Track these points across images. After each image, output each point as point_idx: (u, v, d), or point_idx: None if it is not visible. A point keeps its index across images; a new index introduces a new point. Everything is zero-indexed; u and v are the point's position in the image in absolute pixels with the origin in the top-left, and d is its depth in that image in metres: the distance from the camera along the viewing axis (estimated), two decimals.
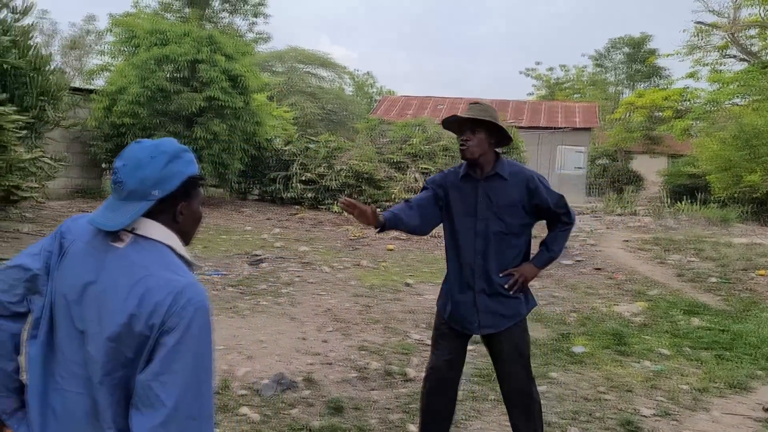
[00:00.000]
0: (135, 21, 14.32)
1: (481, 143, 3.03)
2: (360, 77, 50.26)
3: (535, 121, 28.40)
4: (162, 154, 1.50)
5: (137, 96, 12.74)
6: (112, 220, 1.46)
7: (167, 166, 1.50)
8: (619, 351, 5.53)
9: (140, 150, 1.51)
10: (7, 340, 1.58)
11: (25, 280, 1.56)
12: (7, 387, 1.60)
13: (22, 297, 1.57)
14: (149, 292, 1.41)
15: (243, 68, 13.76)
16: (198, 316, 1.42)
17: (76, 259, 1.52)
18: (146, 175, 1.47)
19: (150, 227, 1.51)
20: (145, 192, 1.48)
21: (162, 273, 1.45)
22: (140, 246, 1.49)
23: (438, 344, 3.25)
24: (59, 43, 43.62)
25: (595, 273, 9.41)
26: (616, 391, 4.60)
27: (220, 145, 13.68)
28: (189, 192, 1.57)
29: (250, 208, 14.87)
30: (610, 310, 7.05)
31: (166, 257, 1.50)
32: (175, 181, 1.51)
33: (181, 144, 1.58)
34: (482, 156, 3.06)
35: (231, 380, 4.36)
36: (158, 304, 1.40)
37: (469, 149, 3.02)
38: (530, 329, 6.06)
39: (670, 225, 16.33)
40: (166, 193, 1.50)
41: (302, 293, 7.05)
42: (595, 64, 47.24)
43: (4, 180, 8.27)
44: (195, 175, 1.58)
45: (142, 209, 1.47)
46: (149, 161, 1.48)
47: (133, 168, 1.48)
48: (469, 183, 3.12)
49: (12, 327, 1.58)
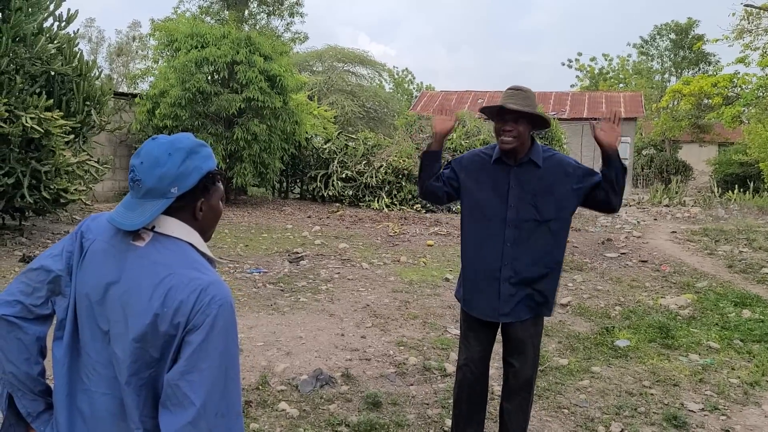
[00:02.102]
0: (175, 25, 14.59)
1: (523, 134, 2.95)
2: (399, 74, 50.23)
3: (578, 112, 27.87)
4: (179, 151, 1.48)
5: (178, 98, 12.99)
6: (132, 220, 1.45)
7: (185, 163, 1.48)
8: (665, 344, 5.37)
9: (157, 147, 1.48)
10: (31, 343, 1.56)
11: (48, 282, 1.55)
12: (32, 390, 1.59)
13: (45, 299, 1.56)
14: (173, 290, 1.40)
15: (280, 68, 13.87)
16: (222, 312, 1.41)
17: (96, 259, 1.50)
18: (164, 173, 1.45)
19: (170, 225, 1.49)
20: (164, 190, 1.46)
21: (185, 271, 1.43)
22: (161, 244, 1.47)
23: (468, 337, 3.20)
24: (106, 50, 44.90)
25: (641, 265, 9.18)
26: (661, 386, 4.46)
27: (260, 145, 13.82)
28: (208, 188, 1.55)
29: (290, 207, 15.01)
30: (656, 303, 6.86)
31: (188, 255, 1.48)
32: (193, 178, 1.49)
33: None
34: (522, 145, 2.99)
35: (270, 376, 4.39)
36: (183, 303, 1.39)
37: (511, 140, 2.94)
38: (572, 323, 6.01)
39: (720, 215, 15.82)
40: (185, 190, 1.48)
41: (341, 290, 7.06)
42: (639, 52, 46.11)
43: (52, 183, 8.54)
44: (213, 170, 1.55)
45: (161, 207, 1.46)
46: (167, 158, 1.46)
47: (151, 166, 1.45)
48: (502, 168, 3.03)
49: (37, 330, 1.57)
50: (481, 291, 3.08)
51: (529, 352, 3.08)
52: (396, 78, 46.42)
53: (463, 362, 3.21)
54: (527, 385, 3.12)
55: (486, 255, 3.05)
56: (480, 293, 3.08)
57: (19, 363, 1.55)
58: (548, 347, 5.26)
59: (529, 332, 3.06)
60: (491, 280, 3.04)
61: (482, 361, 3.17)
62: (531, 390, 3.17)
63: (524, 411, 3.16)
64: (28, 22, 8.42)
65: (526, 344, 3.07)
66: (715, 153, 30.01)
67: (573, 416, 3.97)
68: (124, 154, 14.68)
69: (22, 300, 1.55)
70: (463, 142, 16.25)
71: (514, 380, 3.12)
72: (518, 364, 3.09)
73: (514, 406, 3.13)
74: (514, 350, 3.10)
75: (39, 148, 8.43)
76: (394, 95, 36.90)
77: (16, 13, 8.28)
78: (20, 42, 8.37)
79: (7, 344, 1.54)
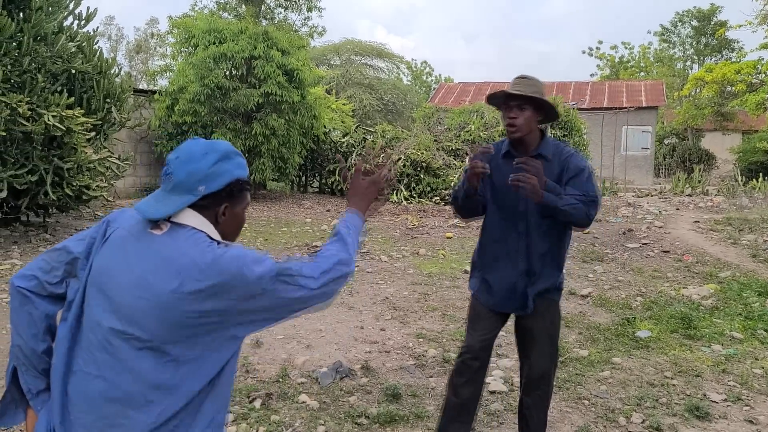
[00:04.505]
0: (193, 22, 14.68)
1: (528, 121, 2.90)
2: (417, 66, 50.05)
3: (598, 102, 27.58)
4: (214, 152, 1.55)
5: (197, 94, 13.08)
6: (156, 209, 1.52)
7: (217, 164, 1.54)
8: (687, 335, 5.31)
9: (195, 145, 1.57)
10: (40, 319, 1.61)
11: (66, 263, 1.62)
12: (35, 367, 1.63)
13: (61, 279, 1.62)
14: (185, 268, 1.46)
15: (298, 62, 13.90)
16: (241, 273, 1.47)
17: (115, 245, 1.56)
18: (195, 169, 1.52)
19: (187, 216, 1.54)
20: (192, 186, 1.52)
21: (195, 252, 1.49)
22: (177, 233, 1.53)
23: (474, 324, 3.16)
24: (125, 47, 45.35)
25: (663, 255, 9.07)
26: (683, 376, 4.42)
27: (279, 139, 13.88)
28: (233, 194, 1.59)
29: (310, 201, 15.07)
30: (678, 294, 6.79)
31: (200, 241, 1.52)
32: (222, 180, 1.55)
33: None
34: (529, 134, 2.95)
35: (290, 369, 4.43)
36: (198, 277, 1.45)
37: (516, 127, 2.91)
38: (593, 314, 5.96)
39: (744, 204, 15.57)
40: (211, 190, 1.54)
41: (360, 282, 7.08)
42: (661, 39, 45.41)
43: (75, 180, 8.66)
44: (242, 178, 1.61)
45: (186, 202, 1.52)
46: (201, 157, 1.53)
47: (185, 161, 1.53)
48: (511, 162, 2.97)
49: (47, 307, 1.62)
50: (496, 283, 3.06)
51: (544, 345, 3.04)
52: (414, 70, 46.30)
53: (463, 350, 3.16)
54: (544, 378, 3.07)
55: (501, 247, 3.03)
56: (493, 285, 3.07)
57: (26, 337, 1.61)
58: (568, 338, 5.24)
59: (544, 324, 3.03)
60: (507, 273, 3.02)
61: (483, 350, 3.10)
62: (549, 383, 3.12)
63: (543, 404, 3.12)
64: (49, 21, 8.53)
65: (541, 336, 3.04)
66: (739, 141, 29.50)
67: (593, 407, 3.95)
68: (145, 151, 14.84)
69: (39, 276, 1.62)
70: (481, 134, 16.17)
71: (530, 373, 3.08)
72: (533, 357, 3.05)
73: (532, 400, 3.09)
74: (528, 343, 3.08)
75: (61, 145, 8.55)
76: (412, 88, 36.81)
77: (37, 12, 8.39)
78: (41, 41, 8.48)
79: (18, 317, 1.60)
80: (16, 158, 8.20)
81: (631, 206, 15.77)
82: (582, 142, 19.23)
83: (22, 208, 8.89)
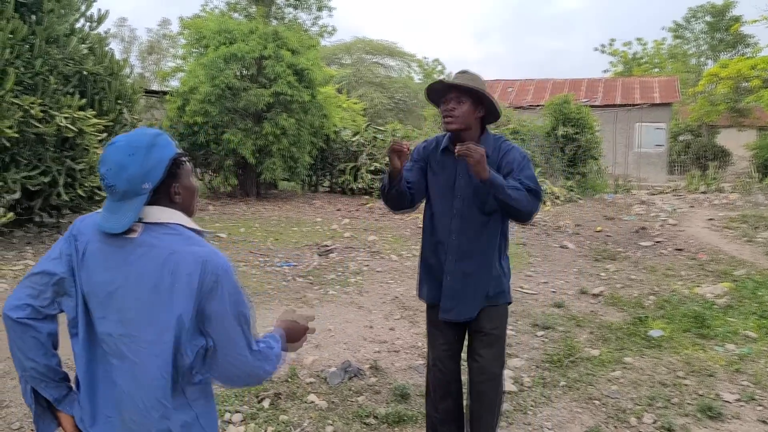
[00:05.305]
0: (203, 23, 14.73)
1: (466, 114, 2.80)
2: (428, 64, 49.93)
3: (611, 99, 27.36)
4: (138, 149, 1.56)
5: (207, 95, 13.11)
6: (118, 222, 1.56)
7: (147, 158, 1.56)
8: (701, 334, 5.25)
9: (117, 151, 1.57)
10: (46, 339, 1.67)
11: (52, 284, 1.65)
12: (53, 379, 1.71)
13: (51, 300, 1.66)
14: (179, 266, 1.54)
15: (308, 62, 13.90)
16: (227, 275, 1.59)
17: (97, 258, 1.61)
18: (132, 174, 1.55)
19: (155, 212, 1.61)
20: (137, 188, 1.56)
21: (184, 248, 1.57)
22: (154, 231, 1.59)
23: (432, 335, 3.07)
24: (138, 48, 45.63)
25: (676, 254, 8.99)
26: (696, 376, 4.37)
27: (289, 139, 13.89)
28: (175, 172, 1.64)
29: (320, 200, 15.08)
30: (692, 292, 6.71)
31: (181, 233, 1.61)
32: (159, 168, 1.58)
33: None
34: (466, 130, 2.84)
35: (299, 368, 4.42)
36: (191, 275, 1.54)
37: (452, 119, 2.81)
38: (604, 313, 5.91)
39: (760, 201, 15.39)
40: (155, 182, 1.58)
41: (370, 282, 7.07)
42: (674, 36, 44.96)
43: (87, 181, 8.72)
44: (175, 155, 1.64)
45: (140, 204, 1.57)
46: (129, 160, 1.55)
47: (118, 170, 1.55)
48: (450, 157, 2.89)
49: (48, 327, 1.68)
50: (434, 286, 2.96)
51: (494, 345, 2.91)
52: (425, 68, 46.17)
53: (431, 362, 3.08)
54: (493, 382, 2.93)
55: (435, 246, 2.94)
56: (431, 287, 2.97)
57: (38, 358, 1.67)
58: (579, 338, 5.20)
59: (491, 323, 2.90)
60: (439, 273, 2.92)
61: (451, 359, 3.02)
62: (498, 388, 2.97)
63: (492, 412, 2.97)
64: (60, 24, 8.59)
65: (488, 335, 2.90)
66: (755, 137, 29.09)
67: (604, 407, 3.92)
68: None
69: (31, 303, 1.65)
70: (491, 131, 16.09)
71: (479, 377, 2.92)
72: (483, 360, 2.91)
73: (481, 407, 2.95)
74: (479, 344, 2.94)
75: (73, 146, 8.61)
76: (423, 86, 36.74)
77: (49, 15, 8.45)
78: (53, 43, 8.54)
79: (25, 343, 1.65)
80: (29, 160, 8.26)
81: (644, 204, 15.65)
82: (594, 139, 19.10)
83: (36, 209, 8.96)
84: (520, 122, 18.62)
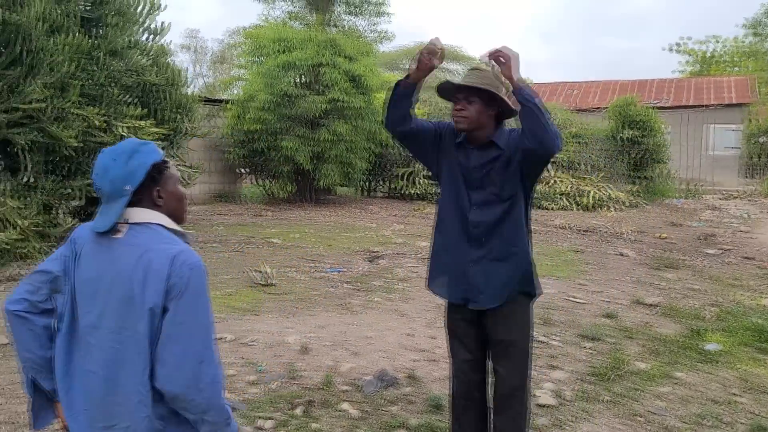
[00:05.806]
0: (263, 32, 15.05)
1: (477, 114, 2.71)
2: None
3: (680, 99, 26.31)
4: (121, 154, 1.72)
5: (265, 103, 13.38)
6: (103, 222, 1.73)
7: (128, 163, 1.71)
8: (761, 349, 4.94)
9: (103, 157, 1.74)
10: (41, 332, 1.81)
11: (49, 282, 1.81)
12: (50, 370, 1.82)
13: (47, 296, 1.81)
14: (151, 262, 1.67)
15: (364, 68, 13.98)
16: (195, 274, 1.67)
17: (89, 258, 1.78)
18: (114, 176, 1.71)
19: (139, 213, 1.75)
20: (119, 190, 1.71)
21: (158, 246, 1.70)
22: (136, 231, 1.74)
23: (452, 344, 2.99)
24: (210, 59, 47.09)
25: (745, 262, 8.52)
26: (752, 393, 4.10)
27: (345, 145, 13.99)
28: (156, 178, 1.76)
29: (375, 206, 15.12)
30: (757, 304, 6.33)
31: (159, 233, 1.74)
32: (140, 172, 1.71)
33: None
34: (478, 130, 2.75)
35: (334, 376, 4.40)
36: (159, 271, 1.65)
37: (462, 120, 2.73)
38: (659, 325, 5.64)
39: None
40: (136, 184, 1.71)
41: (415, 289, 7.00)
42: (754, 33, 42.80)
43: None
44: (157, 162, 1.76)
45: (122, 205, 1.71)
46: (113, 163, 1.71)
47: (102, 173, 1.72)
48: (463, 152, 2.82)
49: (44, 321, 1.82)
50: (455, 281, 2.87)
51: (514, 355, 2.81)
52: None
53: (454, 372, 3.01)
54: (515, 394, 2.82)
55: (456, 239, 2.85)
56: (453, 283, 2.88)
57: (35, 349, 1.81)
58: (628, 350, 4.97)
59: (508, 330, 2.80)
60: (461, 266, 2.83)
61: (474, 369, 2.94)
62: (522, 401, 2.86)
63: (517, 426, 2.86)
64: (122, 37, 8.94)
65: (508, 345, 2.81)
66: None
67: (648, 425, 3.72)
68: (217, 158, 15.32)
69: (28, 298, 1.81)
70: None
71: (501, 390, 2.84)
72: (503, 371, 2.83)
73: (505, 421, 2.86)
74: (497, 354, 2.85)
75: None
76: None
77: (112, 29, 8.82)
78: (115, 55, 8.90)
79: (22, 335, 1.81)
80: (92, 168, 8.64)
81: (716, 209, 14.94)
82: (662, 142, 18.39)
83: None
84: (582, 125, 18.13)
